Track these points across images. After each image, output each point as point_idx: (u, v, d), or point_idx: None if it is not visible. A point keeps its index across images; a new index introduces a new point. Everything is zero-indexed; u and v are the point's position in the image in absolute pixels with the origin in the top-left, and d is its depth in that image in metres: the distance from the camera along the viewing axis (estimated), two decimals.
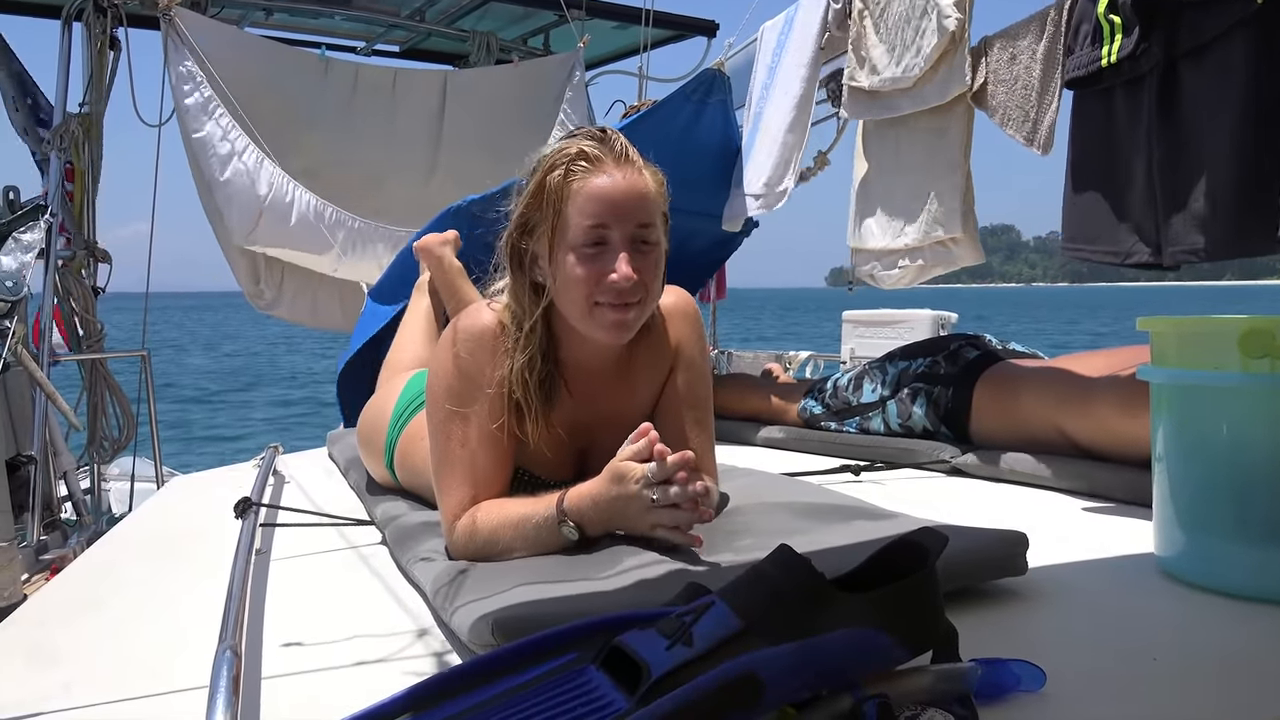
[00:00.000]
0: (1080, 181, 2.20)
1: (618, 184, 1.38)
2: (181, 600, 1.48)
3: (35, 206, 3.97)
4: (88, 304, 4.23)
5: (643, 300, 1.43)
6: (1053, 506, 1.89)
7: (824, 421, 2.68)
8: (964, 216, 2.65)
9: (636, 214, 1.39)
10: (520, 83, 4.83)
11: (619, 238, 1.39)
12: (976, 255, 2.73)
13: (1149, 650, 1.08)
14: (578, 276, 1.39)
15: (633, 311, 1.42)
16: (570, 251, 1.39)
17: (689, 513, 1.28)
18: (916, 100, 2.70)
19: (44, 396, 3.65)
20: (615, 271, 1.37)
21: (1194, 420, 1.31)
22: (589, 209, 1.38)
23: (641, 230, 1.40)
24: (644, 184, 1.41)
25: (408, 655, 1.16)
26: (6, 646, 1.32)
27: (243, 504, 1.79)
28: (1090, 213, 2.16)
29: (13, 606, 2.18)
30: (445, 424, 1.47)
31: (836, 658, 0.80)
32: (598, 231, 1.38)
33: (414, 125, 4.66)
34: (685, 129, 3.13)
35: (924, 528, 0.93)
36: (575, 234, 1.39)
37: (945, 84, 2.58)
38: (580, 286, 1.39)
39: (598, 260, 1.39)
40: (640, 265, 1.40)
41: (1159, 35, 1.93)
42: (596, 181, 1.38)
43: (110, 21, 4.04)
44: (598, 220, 1.38)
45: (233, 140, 3.88)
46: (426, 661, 1.13)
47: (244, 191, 3.89)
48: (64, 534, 3.82)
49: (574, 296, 1.41)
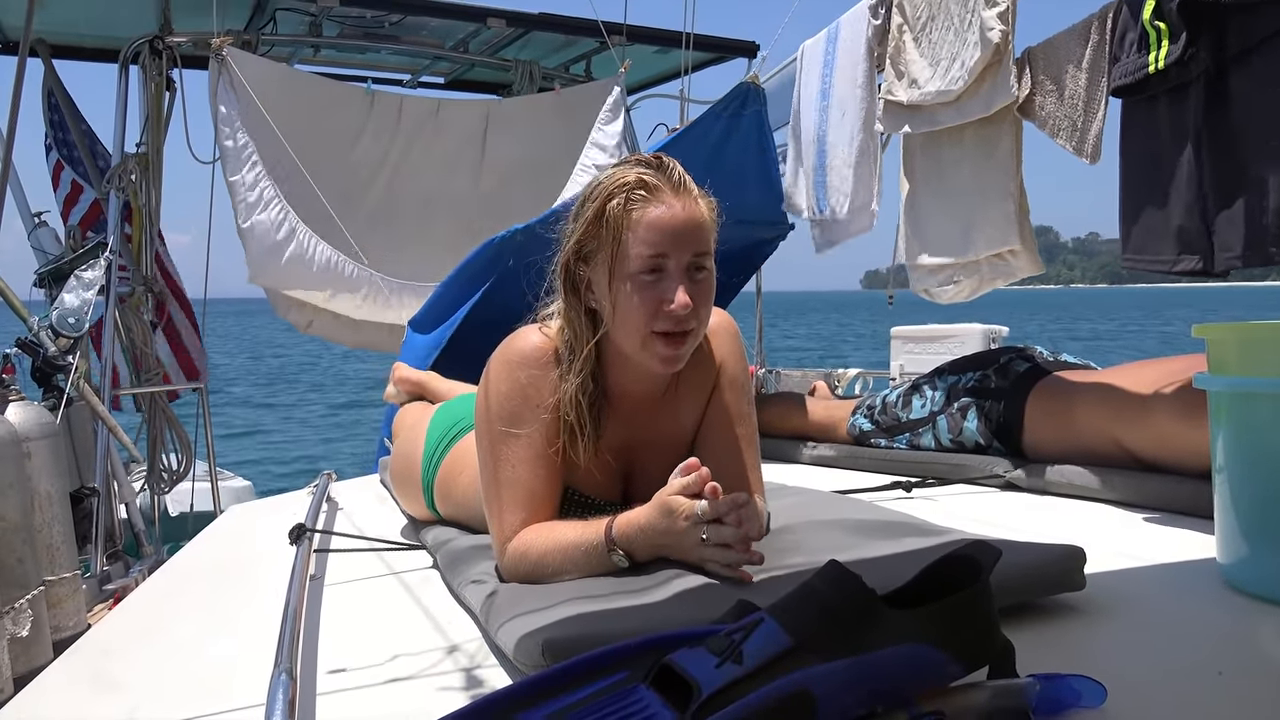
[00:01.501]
0: (1133, 190, 2.17)
1: (676, 214, 1.40)
2: (239, 625, 1.50)
3: (96, 244, 4.09)
4: (146, 338, 4.33)
5: (695, 330, 1.44)
6: (1110, 519, 1.86)
7: (873, 439, 2.65)
8: (1020, 228, 2.63)
9: (693, 243, 1.41)
10: (562, 110, 4.89)
11: (675, 267, 1.40)
12: (1035, 265, 2.71)
13: (1212, 664, 1.05)
14: (635, 305, 1.40)
15: (686, 344, 1.44)
16: (628, 280, 1.41)
17: (741, 554, 1.27)
18: (959, 113, 2.68)
19: (105, 430, 3.74)
20: (673, 301, 1.39)
21: (1254, 428, 1.28)
22: (649, 238, 1.39)
23: (698, 259, 1.42)
24: (700, 213, 1.43)
25: (459, 677, 1.16)
26: (72, 674, 1.36)
27: (297, 530, 1.82)
28: (1144, 221, 2.13)
29: (77, 636, 2.23)
30: (496, 446, 1.48)
31: (890, 674, 0.79)
32: (656, 260, 1.39)
33: (456, 152, 4.73)
34: (720, 142, 3.16)
35: (976, 541, 0.92)
36: (635, 263, 1.40)
37: (990, 96, 2.57)
38: (637, 315, 1.41)
39: (654, 288, 1.40)
40: (694, 293, 1.41)
41: (1206, 40, 1.91)
42: (655, 211, 1.40)
43: (165, 63, 4.15)
44: (657, 250, 1.39)
45: (261, 189, 3.95)
46: (479, 683, 1.14)
47: (264, 237, 3.96)
48: (126, 564, 3.90)
49: (631, 325, 1.42)
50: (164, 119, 4.21)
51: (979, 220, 2.75)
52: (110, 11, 4.35)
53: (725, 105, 3.15)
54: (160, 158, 4.29)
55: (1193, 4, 1.90)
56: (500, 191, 4.75)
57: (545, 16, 4.97)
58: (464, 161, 4.76)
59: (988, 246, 2.73)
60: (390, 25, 4.81)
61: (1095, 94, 2.26)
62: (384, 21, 4.76)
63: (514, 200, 4.56)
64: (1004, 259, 2.74)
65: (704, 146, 3.06)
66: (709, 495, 1.28)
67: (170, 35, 4.12)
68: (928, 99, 2.74)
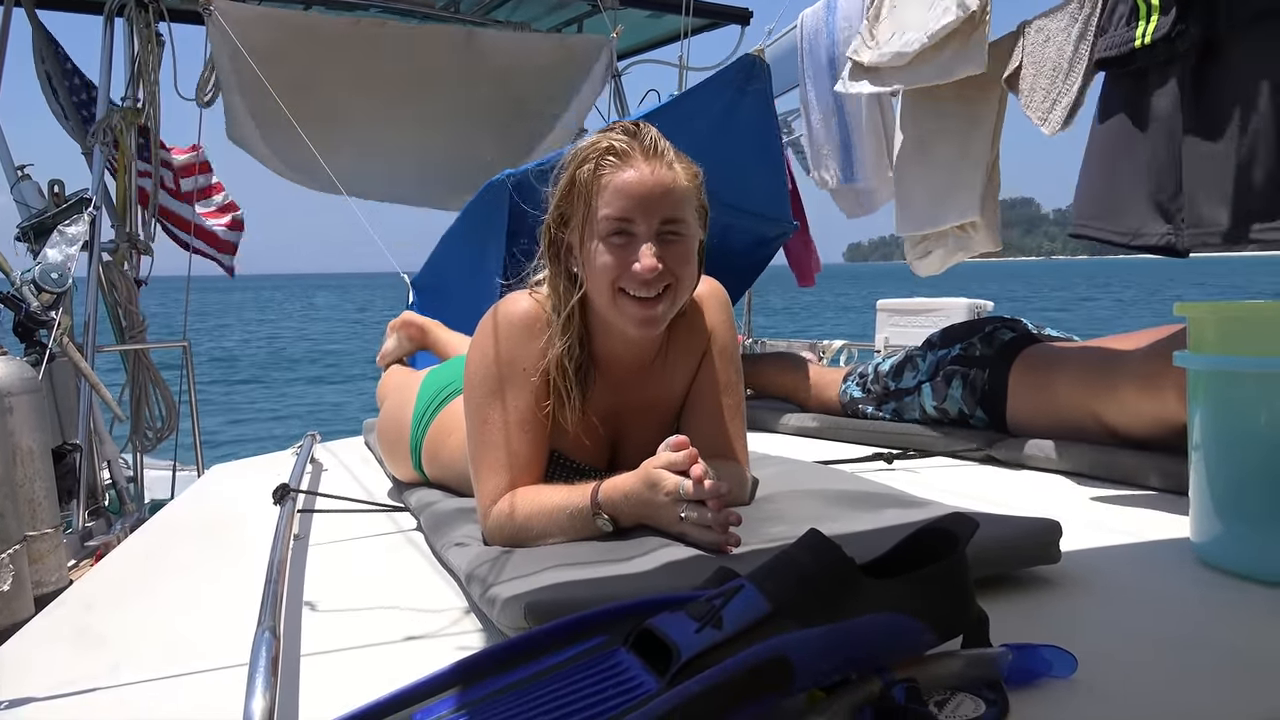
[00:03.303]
0: (1099, 161, 2.16)
1: (644, 178, 1.41)
2: (222, 584, 1.51)
3: (79, 200, 4.05)
4: (130, 295, 4.30)
5: (671, 288, 1.44)
6: (1087, 494, 1.88)
7: (862, 405, 2.66)
8: (984, 202, 2.61)
9: (661, 207, 1.41)
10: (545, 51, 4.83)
11: (645, 230, 1.41)
12: (993, 242, 2.69)
13: (1183, 638, 1.07)
14: (603, 264, 1.42)
15: (661, 305, 1.44)
16: (598, 241, 1.42)
17: (718, 535, 1.27)
18: (911, 77, 2.65)
19: (88, 386, 3.72)
20: (638, 261, 1.39)
21: (1232, 407, 1.29)
22: (615, 202, 1.41)
23: (668, 224, 1.42)
24: (671, 177, 1.43)
25: (442, 637, 1.18)
26: (54, 630, 1.36)
27: (281, 490, 1.82)
28: (1105, 192, 2.13)
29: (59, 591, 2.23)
30: (483, 408, 1.48)
31: (866, 642, 0.81)
32: (623, 224, 1.41)
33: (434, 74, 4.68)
34: (722, 118, 3.06)
35: (954, 513, 0.93)
36: (603, 225, 1.42)
37: (950, 64, 2.53)
38: (605, 274, 1.42)
39: (623, 250, 1.41)
40: (665, 254, 1.41)
41: (1195, 16, 1.90)
42: (623, 175, 1.41)
43: (153, 16, 4.09)
44: (623, 213, 1.41)
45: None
46: (460, 644, 1.15)
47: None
48: (108, 521, 3.90)
49: (599, 284, 1.44)
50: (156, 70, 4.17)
51: (952, 190, 2.74)
52: None
53: (730, 78, 3.04)
54: (157, 110, 4.26)
55: None
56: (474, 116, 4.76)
57: None
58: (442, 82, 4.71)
59: (959, 217, 2.72)
60: None
61: (1076, 65, 2.25)
62: None
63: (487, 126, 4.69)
64: (965, 231, 2.73)
65: (703, 121, 2.94)
66: (693, 479, 1.28)
67: None
68: (883, 60, 2.72)
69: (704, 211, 1.50)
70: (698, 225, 1.48)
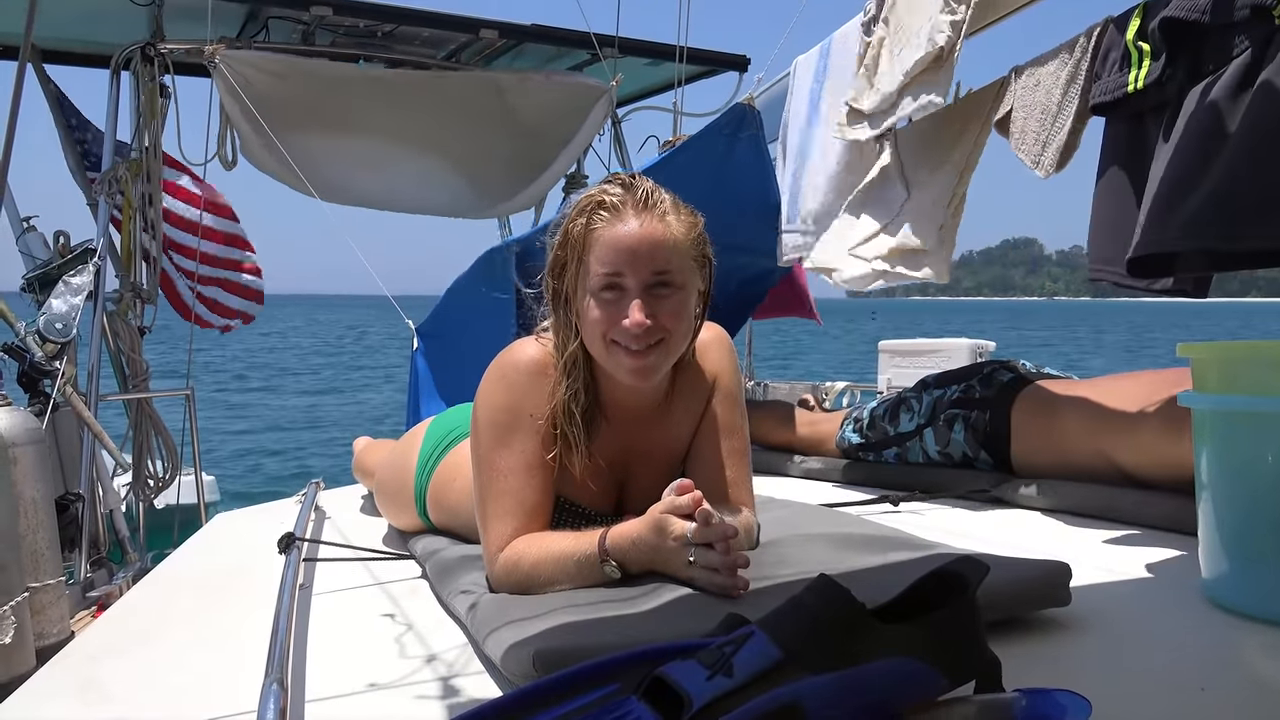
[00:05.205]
0: (1106, 204, 2.18)
1: (633, 232, 1.42)
2: (228, 634, 1.50)
3: (83, 250, 4.08)
4: (134, 344, 4.31)
5: (664, 342, 1.45)
6: (1095, 534, 1.87)
7: (861, 453, 2.66)
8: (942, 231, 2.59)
9: (652, 261, 1.42)
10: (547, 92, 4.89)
11: (634, 285, 1.42)
12: (942, 274, 2.65)
13: (1196, 680, 1.06)
14: (594, 319, 1.44)
15: (652, 356, 1.45)
16: (590, 295, 1.44)
17: (727, 579, 1.27)
18: (892, 116, 2.68)
19: (91, 436, 3.72)
20: (627, 317, 1.41)
21: (1237, 447, 1.29)
22: (605, 257, 1.42)
23: (658, 276, 1.43)
24: (663, 230, 1.43)
25: (449, 687, 1.17)
26: (58, 683, 1.35)
27: (286, 539, 1.82)
28: (1116, 235, 2.14)
29: (61, 643, 2.21)
30: (490, 455, 1.49)
31: (878, 688, 0.80)
32: (612, 278, 1.42)
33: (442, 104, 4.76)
34: (717, 165, 3.13)
35: (964, 557, 0.93)
36: (594, 281, 1.43)
37: (916, 91, 2.55)
38: (596, 327, 1.44)
39: (613, 305, 1.43)
40: (656, 309, 1.42)
41: (1184, 60, 1.93)
42: (613, 230, 1.43)
43: (158, 69, 4.15)
44: (613, 268, 1.42)
45: None
46: (468, 694, 1.14)
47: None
48: (110, 571, 3.87)
49: (592, 336, 1.46)
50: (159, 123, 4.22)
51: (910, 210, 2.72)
52: (101, 17, 4.34)
53: (722, 126, 3.13)
54: (159, 162, 4.30)
55: (1174, 23, 1.92)
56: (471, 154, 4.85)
57: (538, 28, 4.97)
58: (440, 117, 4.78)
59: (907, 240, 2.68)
60: (383, 35, 4.81)
61: (1066, 109, 2.27)
62: (376, 31, 4.76)
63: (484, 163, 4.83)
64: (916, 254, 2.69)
65: (702, 168, 3.03)
66: (699, 520, 1.28)
67: (162, 42, 4.12)
68: (879, 105, 2.75)
69: (705, 262, 1.51)
70: (695, 276, 1.48)
